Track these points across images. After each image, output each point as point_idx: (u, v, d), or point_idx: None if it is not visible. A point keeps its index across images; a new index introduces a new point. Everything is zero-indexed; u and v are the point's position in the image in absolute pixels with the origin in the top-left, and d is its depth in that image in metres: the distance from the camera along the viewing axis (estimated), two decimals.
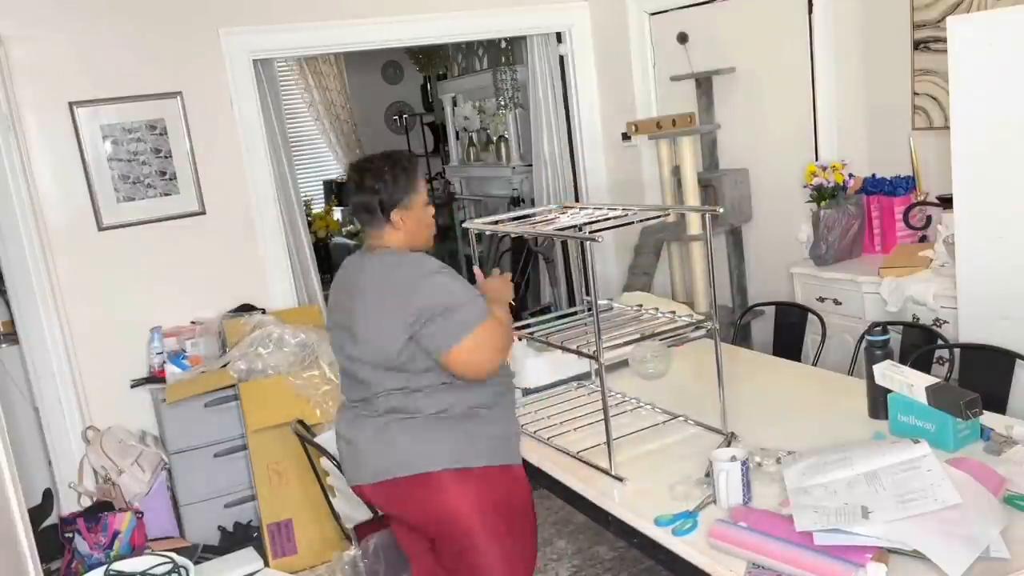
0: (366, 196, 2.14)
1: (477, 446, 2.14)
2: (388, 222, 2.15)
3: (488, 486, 2.15)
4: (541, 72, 5.03)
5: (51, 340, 3.63)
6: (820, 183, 3.61)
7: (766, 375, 2.83)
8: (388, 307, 2.07)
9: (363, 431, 2.19)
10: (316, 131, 7.93)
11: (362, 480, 2.21)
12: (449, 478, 2.11)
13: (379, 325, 2.08)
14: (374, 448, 2.16)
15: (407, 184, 2.15)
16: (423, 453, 2.11)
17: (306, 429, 3.29)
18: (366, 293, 2.13)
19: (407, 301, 2.04)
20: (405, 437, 2.12)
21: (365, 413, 2.19)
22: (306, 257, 4.43)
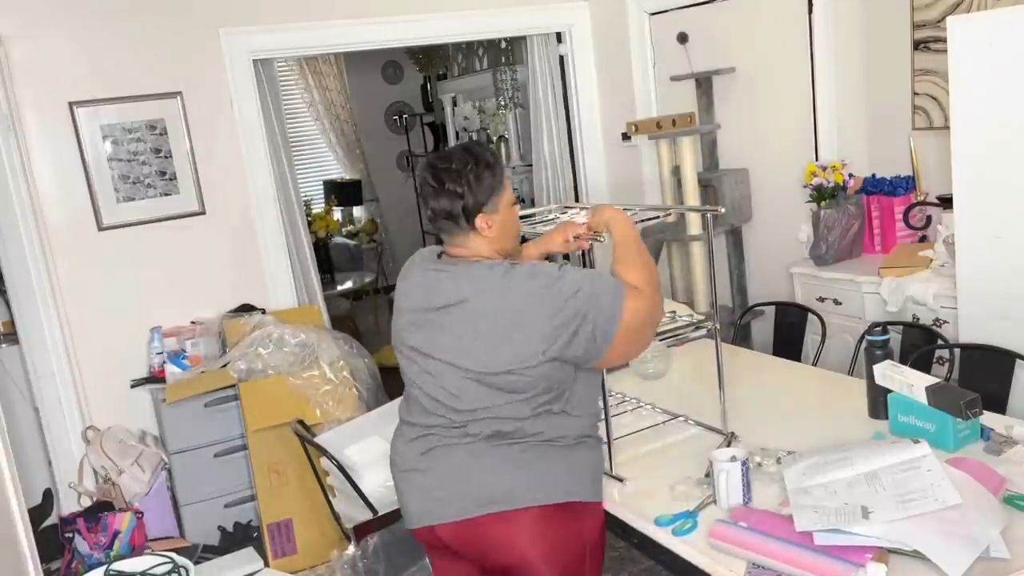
0: (447, 201, 1.87)
1: (584, 478, 1.92)
2: (473, 228, 1.89)
3: (586, 523, 1.93)
4: (541, 72, 5.03)
5: (51, 340, 3.63)
6: (820, 183, 3.61)
7: (766, 375, 2.83)
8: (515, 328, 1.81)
9: (450, 459, 1.89)
10: (316, 131, 7.93)
11: (443, 518, 1.90)
12: (553, 513, 1.86)
13: (500, 346, 1.82)
14: (468, 477, 1.87)
15: (492, 184, 1.89)
16: (530, 484, 1.85)
17: (306, 429, 3.29)
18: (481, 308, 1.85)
19: (538, 323, 1.80)
20: (508, 464, 1.86)
21: (454, 440, 1.89)
22: (306, 257, 4.43)
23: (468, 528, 1.87)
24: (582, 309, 1.80)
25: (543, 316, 1.80)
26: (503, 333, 1.82)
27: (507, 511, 1.84)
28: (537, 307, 1.81)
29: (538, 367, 1.82)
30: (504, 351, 1.82)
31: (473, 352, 1.85)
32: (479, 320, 1.84)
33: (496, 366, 1.83)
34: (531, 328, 1.81)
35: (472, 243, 1.93)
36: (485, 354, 1.83)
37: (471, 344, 1.85)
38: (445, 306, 1.89)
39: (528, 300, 1.82)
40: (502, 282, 1.85)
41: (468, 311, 1.86)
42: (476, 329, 1.84)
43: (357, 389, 3.59)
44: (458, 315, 1.87)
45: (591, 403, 1.97)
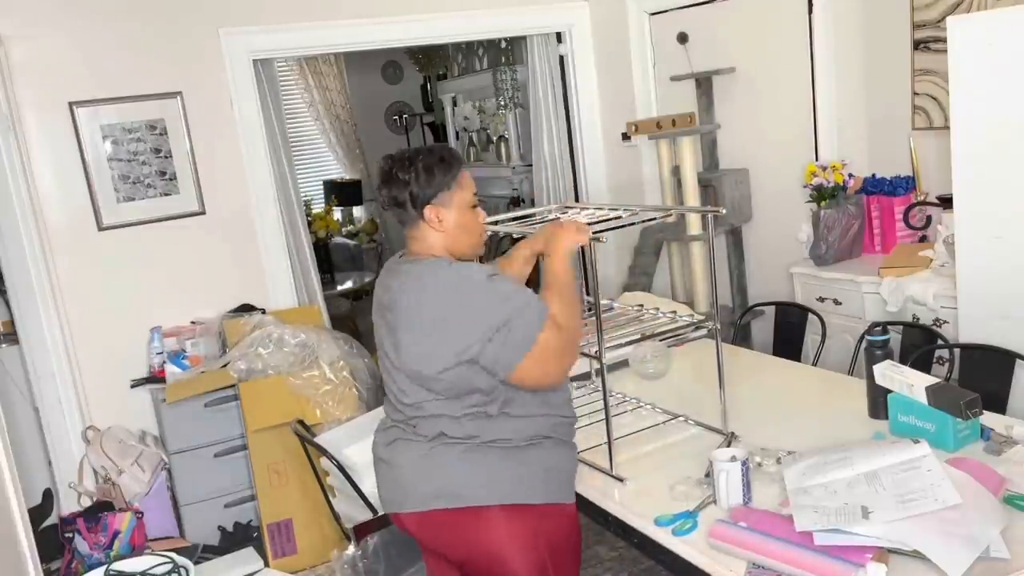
0: (395, 188, 1.93)
1: (534, 480, 1.93)
2: (423, 219, 1.94)
3: (542, 526, 1.94)
4: (541, 72, 5.03)
5: (51, 340, 3.63)
6: (820, 183, 3.61)
7: (766, 375, 2.83)
8: (437, 327, 1.87)
9: (407, 454, 1.97)
10: (316, 131, 7.92)
11: (403, 508, 1.99)
12: (501, 514, 1.90)
13: (425, 344, 1.88)
14: (420, 474, 1.94)
15: (443, 179, 1.93)
16: (475, 484, 1.90)
17: (306, 429, 3.29)
18: (405, 307, 1.92)
19: (455, 325, 1.85)
20: (456, 464, 1.91)
21: (409, 436, 1.97)
22: (306, 257, 4.42)
23: (426, 520, 1.95)
24: (505, 317, 1.84)
25: (467, 316, 1.85)
26: (428, 332, 1.87)
27: (457, 508, 1.90)
28: (462, 307, 1.85)
29: (455, 368, 1.85)
30: (431, 350, 1.87)
31: (408, 350, 1.90)
32: (411, 318, 1.90)
33: (426, 366, 1.88)
34: (454, 327, 1.85)
35: (426, 236, 1.97)
36: (417, 353, 1.89)
37: (406, 343, 1.91)
38: (389, 305, 1.96)
39: (455, 300, 1.87)
40: (432, 280, 1.90)
41: (404, 309, 1.92)
42: (409, 327, 1.91)
43: (357, 389, 3.59)
44: (398, 313, 1.93)
45: (543, 405, 1.96)
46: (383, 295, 2.01)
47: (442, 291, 1.89)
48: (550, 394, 1.98)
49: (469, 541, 1.92)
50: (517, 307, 1.86)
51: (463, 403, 1.90)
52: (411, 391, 1.94)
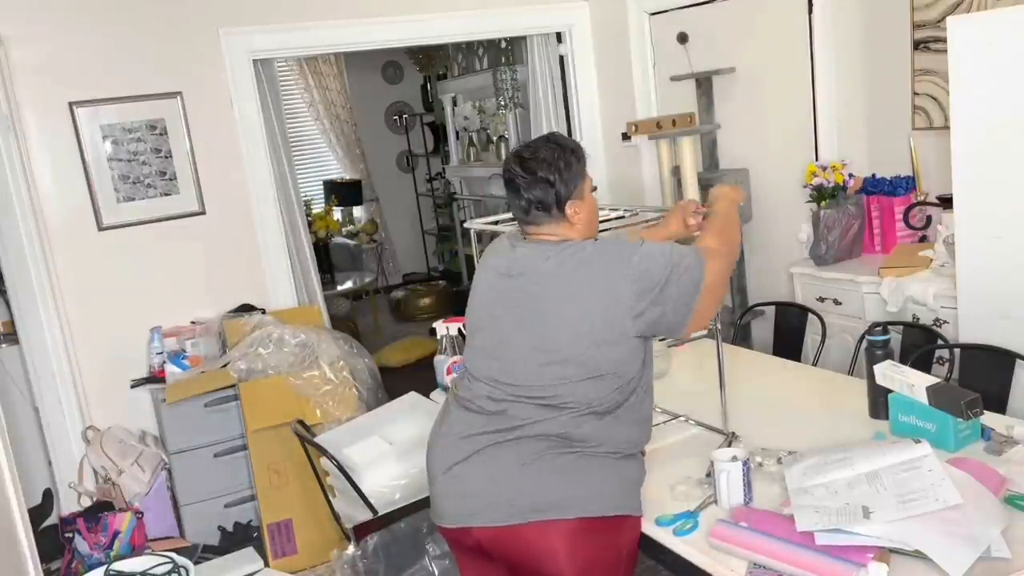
0: (539, 191, 1.87)
1: (633, 492, 1.91)
2: (563, 216, 1.90)
3: (622, 536, 1.88)
4: (541, 72, 5.03)
5: (51, 340, 3.63)
6: (820, 183, 3.61)
7: (766, 375, 2.83)
8: (600, 292, 1.81)
9: (496, 461, 1.85)
10: (316, 131, 7.93)
11: (486, 521, 1.85)
12: (592, 525, 1.83)
13: (587, 314, 1.81)
14: (514, 483, 1.83)
15: (579, 170, 1.92)
16: (582, 495, 1.82)
17: (306, 429, 3.28)
18: (561, 283, 1.85)
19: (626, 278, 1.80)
20: (564, 472, 1.82)
21: (498, 440, 1.85)
22: (306, 257, 4.43)
23: (509, 533, 1.84)
24: (666, 271, 1.81)
25: (628, 277, 1.80)
26: (584, 306, 1.82)
27: (552, 520, 1.81)
28: (620, 271, 1.81)
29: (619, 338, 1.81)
30: (590, 324, 1.81)
31: (560, 330, 1.83)
32: (559, 298, 1.84)
33: (580, 345, 1.81)
34: (611, 293, 1.81)
35: (561, 231, 1.92)
36: (571, 328, 1.82)
37: (560, 321, 1.83)
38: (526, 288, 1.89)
39: (602, 269, 1.83)
40: (584, 254, 1.86)
41: (550, 287, 1.86)
42: (559, 308, 1.84)
43: (357, 389, 3.59)
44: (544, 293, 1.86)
45: (647, 412, 1.97)
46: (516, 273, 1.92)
47: (603, 259, 1.84)
48: (648, 407, 1.97)
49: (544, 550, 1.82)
50: (676, 256, 1.85)
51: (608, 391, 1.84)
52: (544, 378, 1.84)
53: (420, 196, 8.40)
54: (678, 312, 1.83)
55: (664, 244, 1.89)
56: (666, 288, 1.81)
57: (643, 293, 1.80)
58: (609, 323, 1.81)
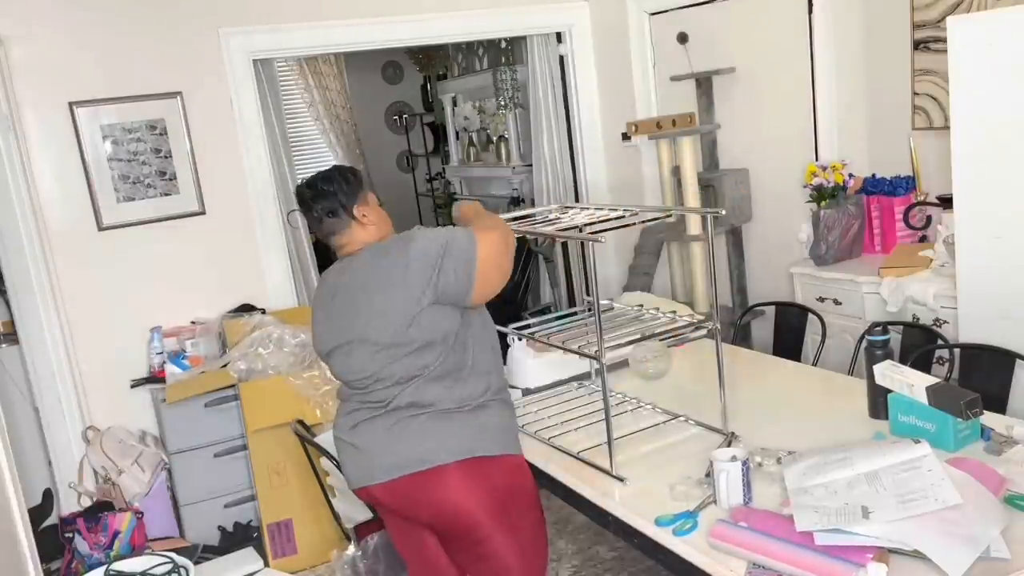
0: (325, 201, 2.21)
1: (486, 436, 2.14)
2: (353, 218, 2.22)
3: (497, 476, 2.14)
4: (541, 72, 5.03)
5: (51, 340, 3.63)
6: (820, 183, 3.62)
7: (766, 375, 2.83)
8: (391, 287, 2.10)
9: (372, 432, 2.18)
10: (316, 131, 7.92)
11: (372, 480, 2.19)
12: (460, 470, 2.10)
13: (391, 301, 2.09)
14: (384, 446, 2.15)
15: (356, 185, 2.25)
16: (435, 447, 2.10)
17: (306, 429, 3.29)
18: (363, 284, 2.16)
19: (406, 269, 2.09)
20: (418, 433, 2.12)
21: (373, 414, 2.18)
22: (306, 257, 4.43)
23: (392, 488, 2.15)
24: (439, 248, 2.08)
25: (409, 265, 2.08)
26: (387, 295, 2.10)
27: (418, 471, 2.10)
28: (402, 262, 2.09)
29: (423, 312, 2.07)
30: (395, 306, 2.09)
31: (374, 320, 2.12)
32: (372, 288, 2.13)
33: (395, 322, 2.09)
34: (404, 279, 2.08)
35: (356, 235, 2.23)
36: (383, 316, 2.10)
37: (372, 312, 2.12)
38: (345, 294, 2.20)
39: (394, 259, 2.12)
40: (373, 253, 2.18)
41: (362, 286, 2.16)
42: (370, 299, 2.13)
43: None
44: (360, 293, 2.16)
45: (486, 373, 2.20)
46: (333, 292, 2.24)
47: (386, 255, 2.15)
48: (490, 361, 2.22)
49: (433, 500, 2.12)
50: (447, 236, 2.11)
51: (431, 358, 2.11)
52: (381, 364, 2.14)
53: (420, 196, 8.40)
54: (460, 282, 2.08)
55: (439, 228, 2.17)
56: (444, 261, 2.07)
57: (425, 269, 2.07)
58: (409, 302, 2.07)
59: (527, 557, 2.19)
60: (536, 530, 2.25)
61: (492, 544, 2.14)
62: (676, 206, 4.07)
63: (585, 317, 2.79)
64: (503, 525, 2.14)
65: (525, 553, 2.18)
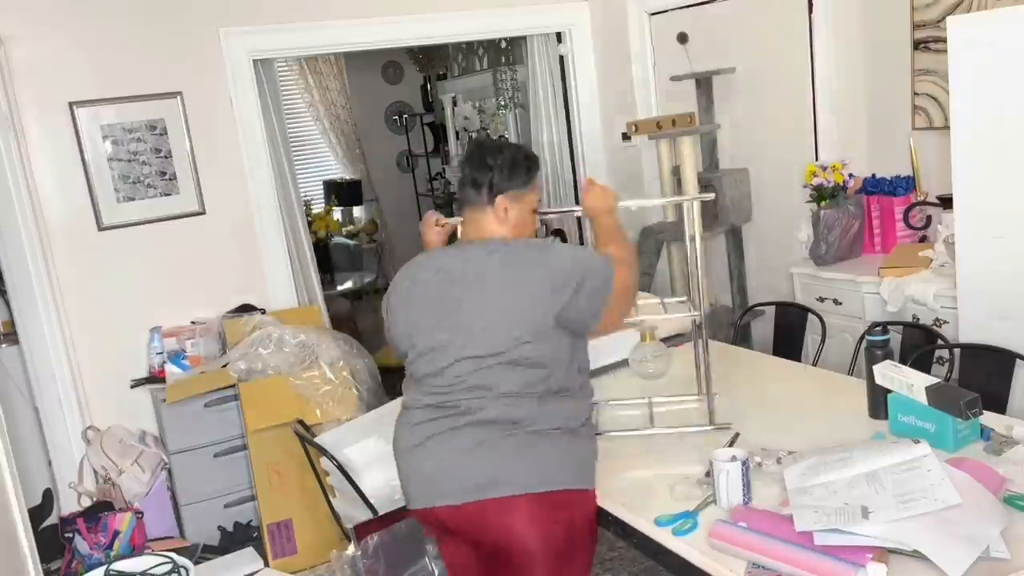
0: (478, 171, 2.05)
1: (572, 467, 1.98)
2: (491, 205, 2.05)
3: (572, 509, 1.98)
4: (541, 72, 5.03)
5: (51, 340, 3.63)
6: (820, 183, 3.61)
7: (766, 375, 2.83)
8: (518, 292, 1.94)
9: (446, 448, 1.97)
10: (316, 131, 7.92)
11: (442, 500, 1.98)
12: (538, 500, 1.93)
13: (506, 311, 1.94)
14: (462, 466, 1.95)
15: (523, 177, 2.08)
16: (517, 472, 1.92)
17: (306, 429, 3.29)
18: (486, 280, 1.97)
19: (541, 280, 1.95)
20: (504, 454, 1.93)
21: (451, 426, 1.97)
22: (306, 257, 4.43)
23: (466, 509, 1.96)
24: (578, 271, 1.97)
25: (544, 280, 1.95)
26: (509, 298, 1.95)
27: (502, 497, 1.92)
28: (536, 273, 1.96)
29: (545, 333, 1.93)
30: (512, 319, 1.94)
31: (486, 320, 1.96)
32: (494, 288, 1.97)
33: (505, 338, 1.93)
34: (534, 292, 1.94)
35: (487, 222, 2.07)
36: (498, 319, 1.95)
37: (486, 313, 1.96)
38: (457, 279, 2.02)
39: (528, 268, 1.97)
40: (505, 251, 2.01)
41: (474, 280, 1.99)
42: (487, 298, 1.97)
43: (357, 389, 3.59)
44: (474, 289, 1.99)
45: (585, 392, 2.08)
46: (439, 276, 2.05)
47: (522, 257, 2.00)
48: (588, 383, 2.09)
49: (502, 525, 1.93)
50: (586, 259, 2.02)
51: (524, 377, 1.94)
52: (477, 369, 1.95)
53: (420, 196, 8.39)
54: (589, 312, 1.98)
55: (575, 248, 2.11)
56: (579, 290, 1.95)
57: (563, 286, 1.94)
58: (533, 314, 1.94)
59: None
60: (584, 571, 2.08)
61: None
62: (668, 197, 4.05)
63: None
64: (559, 563, 1.97)
65: None
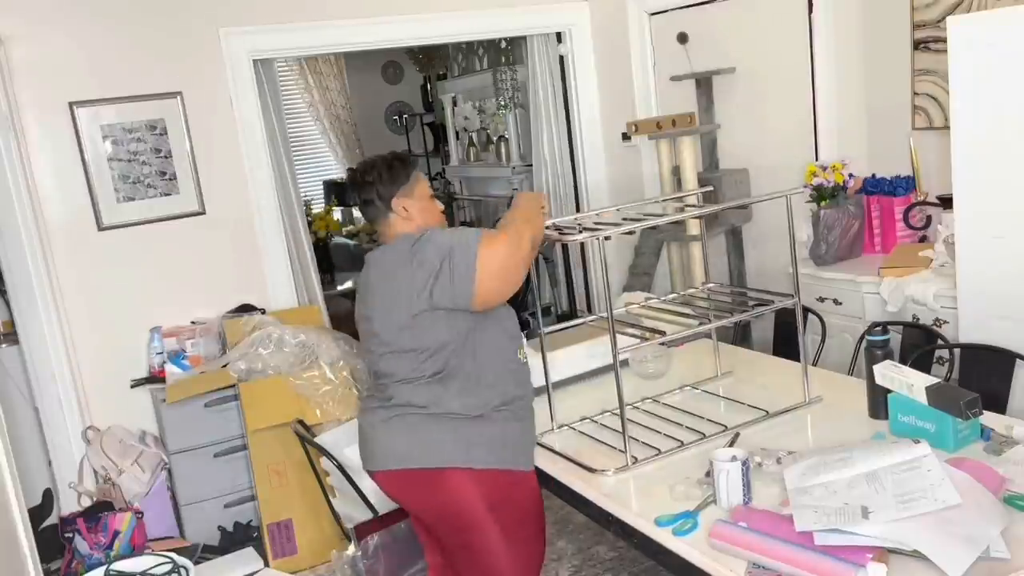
0: (365, 190, 2.23)
1: (480, 450, 2.17)
2: (391, 211, 2.22)
3: (488, 487, 2.17)
4: (541, 72, 5.03)
5: (51, 340, 3.63)
6: (820, 183, 3.61)
7: (766, 375, 2.83)
8: (392, 284, 2.13)
9: (374, 419, 2.25)
10: (316, 131, 7.92)
11: (372, 466, 2.28)
12: (449, 475, 2.15)
13: (391, 302, 2.13)
14: (380, 437, 2.23)
15: (403, 173, 2.24)
16: (429, 449, 2.16)
17: (306, 429, 3.29)
18: (373, 281, 2.21)
19: (409, 270, 2.10)
20: (409, 431, 2.18)
21: (378, 404, 2.25)
22: (306, 257, 4.42)
23: (390, 478, 2.24)
24: (443, 251, 2.08)
25: (411, 267, 2.10)
26: (388, 294, 2.14)
27: (410, 469, 2.17)
28: (405, 263, 2.11)
29: (421, 315, 2.08)
30: (393, 307, 2.12)
31: (380, 316, 2.17)
32: (380, 283, 2.18)
33: (397, 317, 2.12)
34: (403, 282, 2.11)
35: (395, 226, 2.23)
36: (385, 314, 2.15)
37: (378, 308, 2.17)
38: (367, 283, 2.24)
39: (399, 259, 2.14)
40: (391, 249, 2.19)
41: (375, 278, 2.20)
42: (380, 292, 2.17)
43: (357, 389, 3.59)
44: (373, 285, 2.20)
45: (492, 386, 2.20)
46: (364, 282, 2.28)
47: (395, 251, 2.17)
48: (501, 374, 2.21)
49: (428, 499, 2.20)
50: (454, 239, 2.10)
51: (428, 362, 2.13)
52: (382, 360, 2.20)
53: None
54: (458, 289, 2.07)
55: (452, 230, 2.17)
56: (443, 267, 2.07)
57: (423, 275, 2.08)
58: (403, 306, 2.10)
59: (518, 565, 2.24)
60: (530, 543, 2.30)
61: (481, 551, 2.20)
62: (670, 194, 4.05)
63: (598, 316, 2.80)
64: (495, 533, 2.18)
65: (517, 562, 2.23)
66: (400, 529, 2.99)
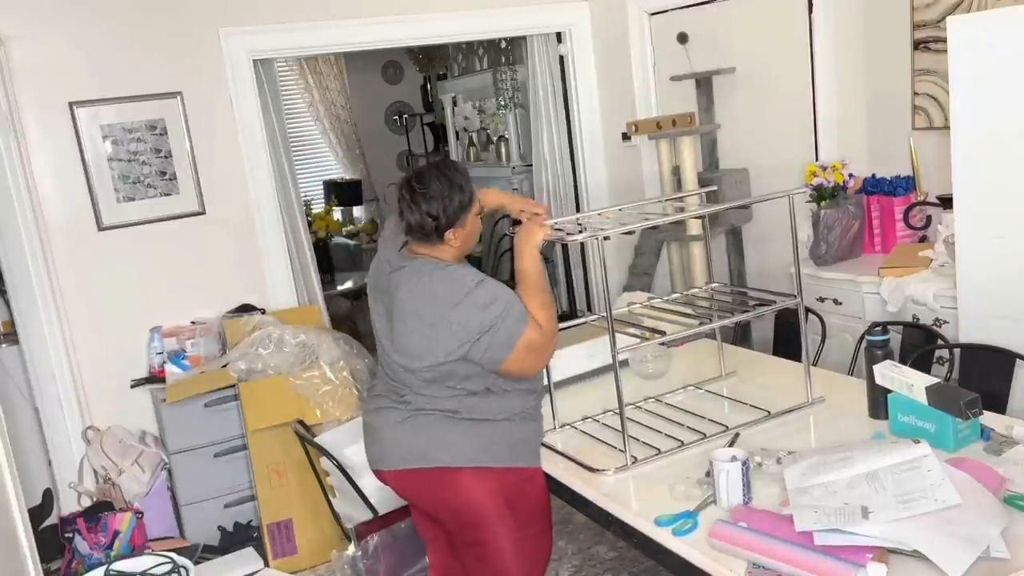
0: (422, 219, 2.12)
1: (497, 448, 2.20)
2: (442, 241, 2.16)
3: (503, 484, 2.21)
4: (541, 72, 5.02)
5: (51, 340, 3.63)
6: (820, 183, 3.61)
7: (766, 375, 2.83)
8: (429, 328, 2.10)
9: (388, 419, 2.24)
10: (316, 131, 7.92)
11: (383, 466, 2.28)
12: (466, 474, 2.17)
13: (418, 342, 2.12)
14: (396, 437, 2.22)
15: (463, 202, 2.14)
16: (442, 449, 2.17)
17: (306, 429, 3.29)
18: (405, 306, 2.15)
19: (449, 326, 2.07)
20: (428, 431, 2.18)
21: (392, 404, 2.24)
22: (306, 257, 4.42)
23: (403, 477, 2.24)
24: (489, 322, 2.07)
25: (457, 321, 2.07)
26: (422, 331, 2.11)
27: (427, 468, 2.18)
28: (453, 311, 2.07)
29: (444, 365, 2.10)
30: (423, 349, 2.11)
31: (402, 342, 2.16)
32: (407, 313, 2.14)
33: (416, 360, 2.13)
34: (444, 331, 2.08)
35: (437, 251, 2.18)
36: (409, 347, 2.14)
37: (402, 336, 2.15)
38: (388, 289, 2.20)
39: (447, 304, 2.08)
40: (428, 281, 2.12)
41: (400, 302, 2.15)
42: (403, 320, 2.15)
43: (357, 389, 3.59)
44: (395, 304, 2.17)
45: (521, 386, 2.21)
46: (380, 279, 2.26)
47: (437, 294, 2.10)
48: (515, 383, 2.21)
49: (440, 497, 2.21)
50: (501, 311, 2.07)
51: (447, 388, 2.16)
52: (401, 372, 2.19)
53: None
54: (490, 359, 2.09)
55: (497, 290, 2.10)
56: (483, 337, 2.06)
57: (464, 334, 2.07)
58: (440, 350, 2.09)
59: (526, 561, 2.27)
60: (539, 539, 2.33)
61: (491, 546, 2.21)
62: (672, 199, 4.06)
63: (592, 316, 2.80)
64: (505, 530, 2.20)
65: (524, 557, 2.26)
66: (400, 529, 2.99)
